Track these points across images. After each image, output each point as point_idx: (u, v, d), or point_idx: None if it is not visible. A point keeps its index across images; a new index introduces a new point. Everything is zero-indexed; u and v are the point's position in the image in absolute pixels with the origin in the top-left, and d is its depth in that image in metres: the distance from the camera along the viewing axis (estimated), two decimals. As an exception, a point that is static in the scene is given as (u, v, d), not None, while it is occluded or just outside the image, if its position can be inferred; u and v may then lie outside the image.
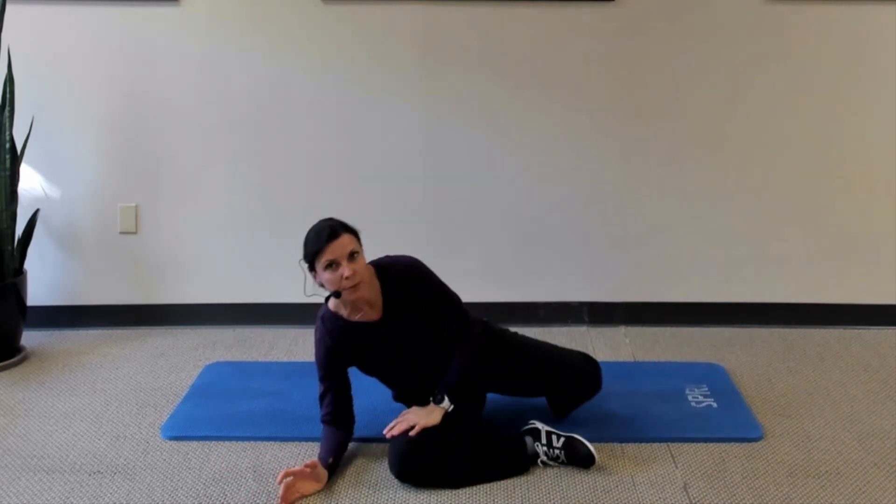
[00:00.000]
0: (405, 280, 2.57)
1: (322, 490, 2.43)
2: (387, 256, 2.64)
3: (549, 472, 2.51)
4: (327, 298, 2.58)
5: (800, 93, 3.62)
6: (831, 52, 3.59)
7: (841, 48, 3.59)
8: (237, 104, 3.65)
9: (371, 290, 2.53)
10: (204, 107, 3.65)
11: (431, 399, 2.56)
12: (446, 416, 2.53)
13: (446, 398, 2.54)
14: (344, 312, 2.56)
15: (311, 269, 2.47)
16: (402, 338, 2.59)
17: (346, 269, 2.41)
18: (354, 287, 2.44)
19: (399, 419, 2.54)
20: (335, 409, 2.56)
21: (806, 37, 3.58)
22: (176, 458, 2.62)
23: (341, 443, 2.56)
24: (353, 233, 2.51)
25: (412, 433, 2.46)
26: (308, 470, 2.40)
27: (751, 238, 3.74)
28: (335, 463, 2.50)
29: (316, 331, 2.59)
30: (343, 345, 2.56)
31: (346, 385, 2.59)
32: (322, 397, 2.58)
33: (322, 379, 2.57)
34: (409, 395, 2.69)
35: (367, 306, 2.55)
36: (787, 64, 3.60)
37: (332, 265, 2.42)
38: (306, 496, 2.39)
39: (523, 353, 2.75)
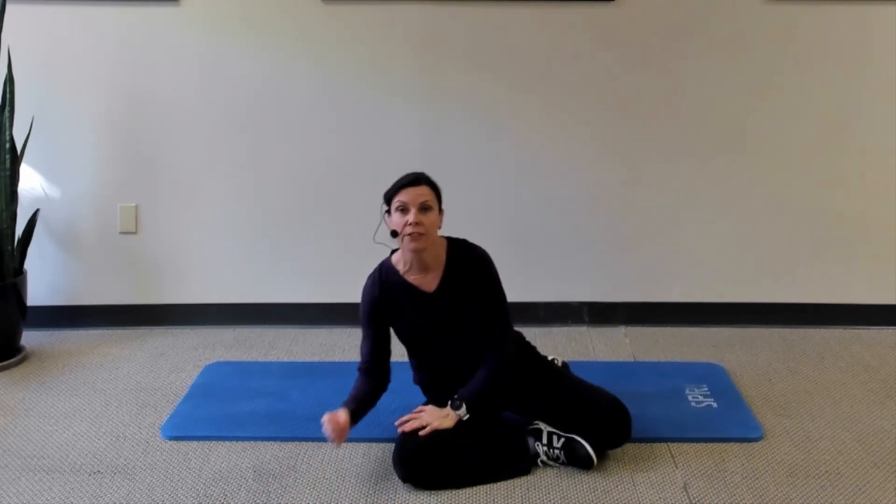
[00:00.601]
0: (472, 264, 2.60)
1: (323, 491, 2.43)
2: (464, 239, 2.66)
3: (549, 472, 2.52)
4: (393, 251, 2.64)
5: (799, 93, 3.62)
6: (832, 53, 3.59)
7: (841, 48, 3.58)
8: (237, 104, 3.65)
9: (433, 255, 2.57)
10: (204, 107, 3.65)
11: (450, 403, 2.55)
12: (459, 423, 2.52)
13: (464, 406, 2.53)
14: (401, 268, 2.59)
15: (388, 211, 2.54)
16: (448, 317, 2.59)
17: (412, 216, 2.47)
18: (416, 236, 2.47)
19: (414, 415, 2.54)
20: (371, 359, 2.59)
21: (806, 37, 3.58)
22: (176, 458, 2.62)
23: (368, 394, 2.56)
24: (436, 190, 2.56)
25: (422, 433, 2.46)
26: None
27: (751, 238, 3.74)
28: (359, 411, 2.50)
29: (368, 277, 2.64)
30: (389, 300, 2.59)
31: (385, 338, 2.61)
32: (362, 346, 2.63)
33: (363, 327, 2.62)
34: (432, 376, 2.69)
35: (424, 271, 2.58)
36: (787, 64, 3.60)
37: (403, 209, 2.48)
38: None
39: (554, 375, 2.69)
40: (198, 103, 3.65)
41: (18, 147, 3.42)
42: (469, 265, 2.60)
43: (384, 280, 2.61)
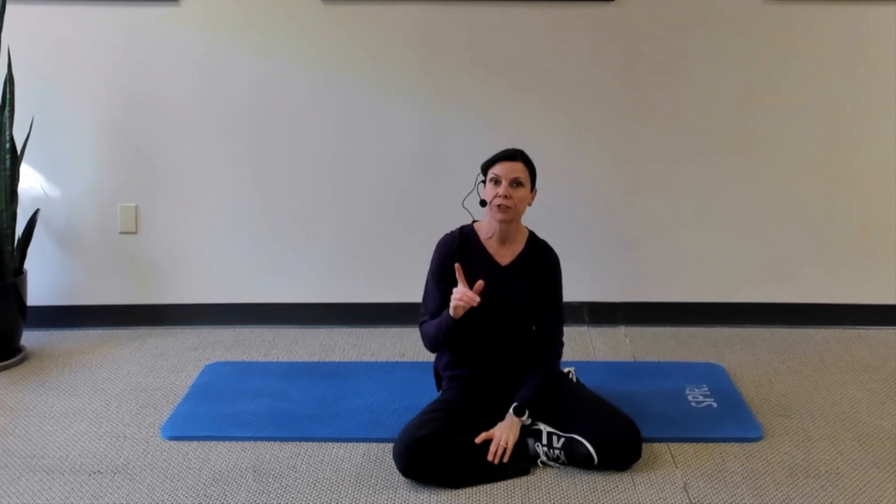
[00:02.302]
0: (545, 259, 2.71)
1: (323, 491, 2.43)
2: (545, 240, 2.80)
3: (549, 472, 2.51)
4: (474, 221, 2.76)
5: (800, 93, 3.63)
6: (832, 52, 3.59)
7: (842, 48, 3.59)
8: (237, 104, 3.65)
9: (516, 231, 2.70)
10: (204, 107, 3.65)
11: (512, 410, 2.58)
12: (462, 422, 2.56)
13: (527, 413, 2.57)
14: (482, 234, 2.70)
15: (484, 181, 2.67)
16: (509, 295, 2.65)
17: (503, 189, 2.59)
18: (503, 208, 2.58)
19: (497, 441, 2.52)
20: (439, 313, 2.63)
21: (807, 36, 3.58)
22: (176, 458, 2.62)
23: None
24: (531, 168, 2.67)
25: (506, 459, 2.49)
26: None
27: (751, 238, 3.74)
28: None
29: (446, 234, 2.73)
30: (464, 257, 2.67)
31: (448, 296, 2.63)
32: (425, 301, 2.70)
33: (432, 281, 2.68)
34: (462, 359, 2.70)
35: (503, 243, 2.69)
36: (787, 64, 3.61)
37: (496, 181, 2.60)
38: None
39: (569, 388, 2.71)
40: (198, 103, 3.65)
41: (18, 147, 3.42)
42: (543, 257, 2.71)
43: (463, 238, 2.71)
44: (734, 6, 3.56)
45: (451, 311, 2.53)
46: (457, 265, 2.55)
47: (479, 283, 2.52)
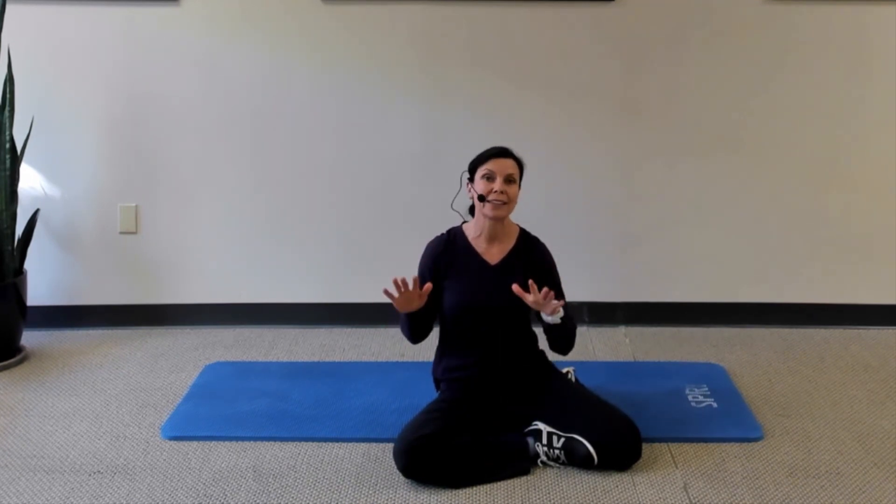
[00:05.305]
0: (534, 253, 2.71)
1: (323, 491, 2.43)
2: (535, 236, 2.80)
3: (549, 472, 2.51)
4: (464, 223, 2.77)
5: (800, 93, 3.63)
6: (832, 53, 3.59)
7: (842, 48, 3.59)
8: (237, 104, 3.65)
9: (505, 229, 2.71)
10: (204, 107, 3.65)
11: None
12: (464, 417, 2.56)
13: (563, 311, 2.57)
14: (471, 235, 2.71)
15: (471, 179, 2.68)
16: (500, 295, 2.62)
17: (498, 184, 2.60)
18: (499, 204, 2.60)
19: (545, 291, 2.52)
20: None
21: (807, 37, 3.59)
22: (176, 458, 2.62)
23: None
24: (520, 164, 2.70)
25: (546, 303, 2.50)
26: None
27: (751, 238, 3.74)
28: (421, 309, 2.58)
29: (435, 237, 2.74)
30: (451, 258, 2.68)
31: (435, 295, 2.63)
32: None
33: (420, 280, 2.65)
34: (459, 361, 2.69)
35: (492, 241, 2.69)
36: (787, 64, 3.61)
37: (490, 177, 2.61)
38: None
39: (568, 388, 2.71)
40: (198, 103, 3.65)
41: (18, 147, 3.42)
42: (533, 253, 2.70)
43: (451, 241, 2.72)
44: (734, 6, 3.56)
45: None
46: (427, 285, 2.53)
47: (428, 286, 2.53)
